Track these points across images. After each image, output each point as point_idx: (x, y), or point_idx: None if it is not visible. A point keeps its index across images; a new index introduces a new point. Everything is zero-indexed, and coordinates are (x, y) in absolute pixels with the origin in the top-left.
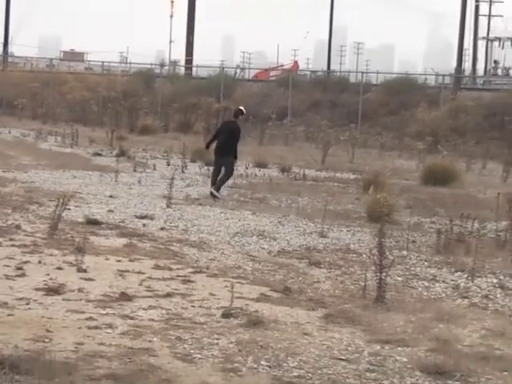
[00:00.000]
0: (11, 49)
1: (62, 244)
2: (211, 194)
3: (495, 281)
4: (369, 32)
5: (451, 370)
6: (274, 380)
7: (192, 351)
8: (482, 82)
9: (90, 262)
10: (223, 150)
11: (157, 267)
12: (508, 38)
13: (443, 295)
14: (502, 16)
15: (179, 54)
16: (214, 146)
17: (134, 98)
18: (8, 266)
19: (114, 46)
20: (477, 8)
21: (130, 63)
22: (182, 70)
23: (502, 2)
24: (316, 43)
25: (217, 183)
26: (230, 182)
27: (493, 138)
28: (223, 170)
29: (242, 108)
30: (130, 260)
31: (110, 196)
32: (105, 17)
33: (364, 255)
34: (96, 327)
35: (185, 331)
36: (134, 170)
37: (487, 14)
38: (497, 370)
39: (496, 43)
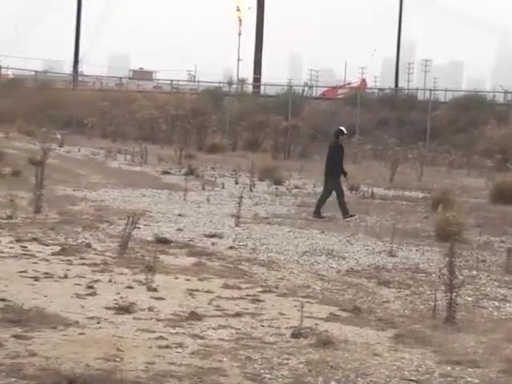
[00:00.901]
0: (81, 68)
1: (132, 263)
2: (344, 218)
3: None
4: (437, 49)
5: None
6: None
7: (262, 371)
8: None
9: (160, 280)
10: (328, 171)
11: (226, 286)
12: None
13: None
14: None
15: (247, 73)
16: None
17: (203, 116)
18: (79, 284)
19: (183, 64)
20: None
21: (199, 81)
22: (249, 88)
23: None
24: (383, 60)
25: (340, 209)
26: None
27: None
28: (334, 192)
29: (342, 128)
30: (199, 279)
31: (179, 214)
32: (173, 35)
33: (433, 275)
34: (166, 346)
35: (254, 351)
36: (203, 189)
37: None
38: None
39: None
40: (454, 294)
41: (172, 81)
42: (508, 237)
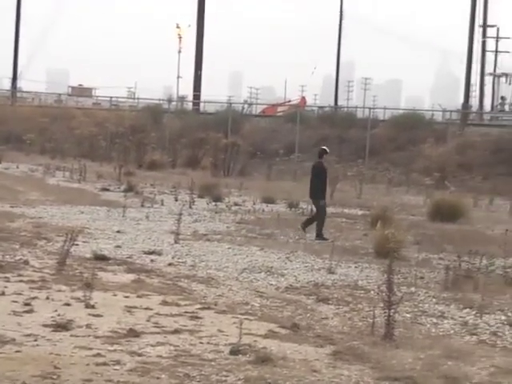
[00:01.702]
0: (20, 83)
1: (70, 280)
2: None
3: (503, 318)
4: (376, 67)
5: None
6: None
7: None
8: (489, 117)
9: (98, 297)
10: (312, 192)
11: (165, 303)
12: None
13: (452, 332)
14: (508, 52)
15: (187, 90)
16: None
17: (142, 133)
18: (16, 301)
19: (122, 81)
20: (484, 44)
21: (138, 98)
22: (189, 106)
23: (509, 38)
24: (323, 78)
25: (316, 231)
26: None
27: (500, 173)
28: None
29: (325, 148)
30: (138, 296)
31: (118, 231)
32: (112, 52)
33: (372, 292)
34: (104, 364)
35: (193, 368)
36: (142, 206)
37: (494, 50)
38: None
39: (503, 79)
40: (393, 310)
41: (111, 98)
42: (446, 254)
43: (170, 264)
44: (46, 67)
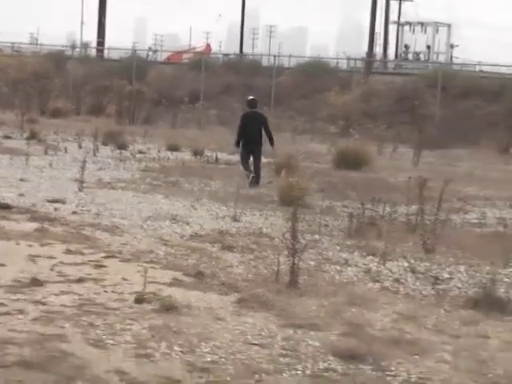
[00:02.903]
0: None
1: None
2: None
3: (406, 264)
4: (282, 15)
5: (364, 354)
6: (188, 365)
7: (104, 337)
8: (393, 66)
9: (1, 246)
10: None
11: (68, 252)
12: (418, 23)
13: (355, 279)
14: (412, 1)
15: (91, 36)
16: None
17: (45, 80)
18: None
19: (24, 27)
20: None
21: (41, 45)
22: (93, 52)
23: None
24: (228, 26)
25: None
26: None
27: (404, 122)
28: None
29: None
30: (42, 245)
31: (21, 179)
32: None
33: (277, 239)
34: (7, 313)
35: (97, 317)
36: (45, 153)
37: None
38: (408, 354)
39: (407, 28)
40: (297, 258)
41: (13, 43)
42: (350, 201)
43: (73, 212)
44: None
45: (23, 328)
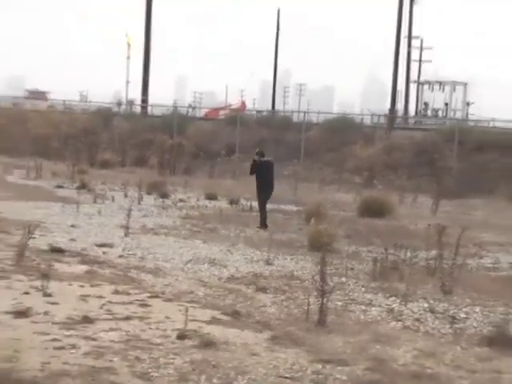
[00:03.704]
0: None
1: (29, 270)
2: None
3: (426, 305)
4: (311, 74)
5: None
6: None
7: (150, 370)
8: (413, 121)
9: (55, 287)
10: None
11: (116, 292)
12: (437, 82)
13: (379, 318)
14: (431, 61)
15: (135, 94)
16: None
17: (94, 134)
18: None
19: (75, 85)
20: (409, 54)
21: (90, 102)
22: (138, 109)
23: (431, 49)
24: (261, 84)
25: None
26: None
27: (423, 173)
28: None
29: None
30: (92, 285)
31: (72, 225)
32: (66, 59)
33: (307, 281)
34: (61, 348)
35: (143, 351)
36: (94, 202)
37: (418, 59)
38: None
39: (426, 86)
40: (325, 299)
41: (65, 101)
42: (374, 247)
43: (120, 256)
44: (3, 72)
45: (75, 361)
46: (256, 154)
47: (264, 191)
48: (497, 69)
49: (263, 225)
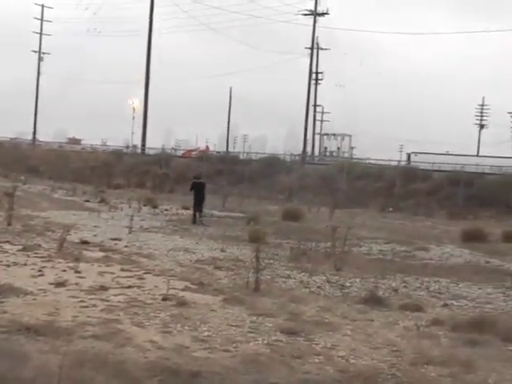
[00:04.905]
0: (37, 136)
1: (66, 256)
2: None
3: (324, 278)
4: (251, 127)
5: (299, 331)
6: (193, 338)
7: (143, 320)
8: (317, 159)
9: (83, 267)
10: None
11: (122, 270)
12: (332, 134)
13: (294, 286)
14: (328, 121)
15: (138, 140)
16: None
17: (110, 166)
18: (33, 269)
19: (99, 134)
20: (314, 116)
21: (108, 146)
22: (139, 150)
23: (329, 113)
24: (220, 134)
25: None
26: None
27: (324, 192)
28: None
29: (201, 172)
30: (107, 265)
31: (95, 226)
32: (94, 116)
33: (247, 263)
34: (86, 306)
35: (139, 309)
36: (109, 211)
37: (320, 119)
38: (326, 331)
39: (325, 137)
40: (259, 274)
41: (91, 145)
42: (291, 240)
43: (126, 246)
44: (50, 124)
45: (95, 315)
46: (194, 178)
47: (198, 202)
48: (370, 125)
49: (193, 220)
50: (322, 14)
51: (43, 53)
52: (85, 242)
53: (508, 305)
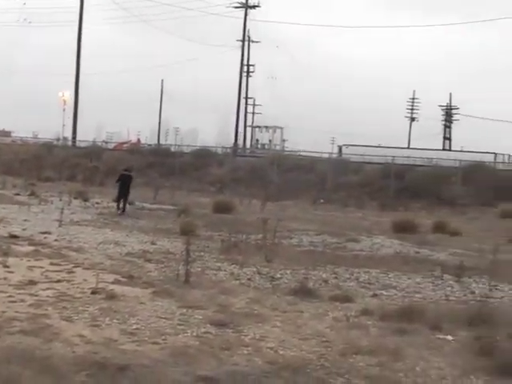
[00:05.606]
0: None
1: None
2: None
3: (255, 269)
4: (182, 120)
5: (228, 322)
6: (122, 331)
7: (72, 315)
8: (249, 151)
9: (11, 261)
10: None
11: (52, 264)
12: (264, 126)
13: (224, 279)
14: (260, 113)
15: (68, 133)
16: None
17: (41, 159)
18: None
19: (30, 127)
20: (246, 108)
21: (39, 138)
22: (70, 143)
23: (261, 105)
24: (151, 127)
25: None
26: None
27: (256, 185)
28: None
29: (132, 165)
30: (36, 260)
31: (24, 220)
32: (25, 108)
33: (178, 255)
34: (14, 301)
35: (68, 303)
36: (39, 204)
37: (252, 111)
38: (255, 322)
39: (257, 129)
40: (189, 266)
41: (22, 137)
42: (222, 232)
43: (55, 240)
44: None
45: (23, 310)
46: (123, 170)
47: (122, 192)
48: (302, 118)
49: (118, 208)
50: (254, 7)
51: None
52: (14, 236)
53: (437, 294)
